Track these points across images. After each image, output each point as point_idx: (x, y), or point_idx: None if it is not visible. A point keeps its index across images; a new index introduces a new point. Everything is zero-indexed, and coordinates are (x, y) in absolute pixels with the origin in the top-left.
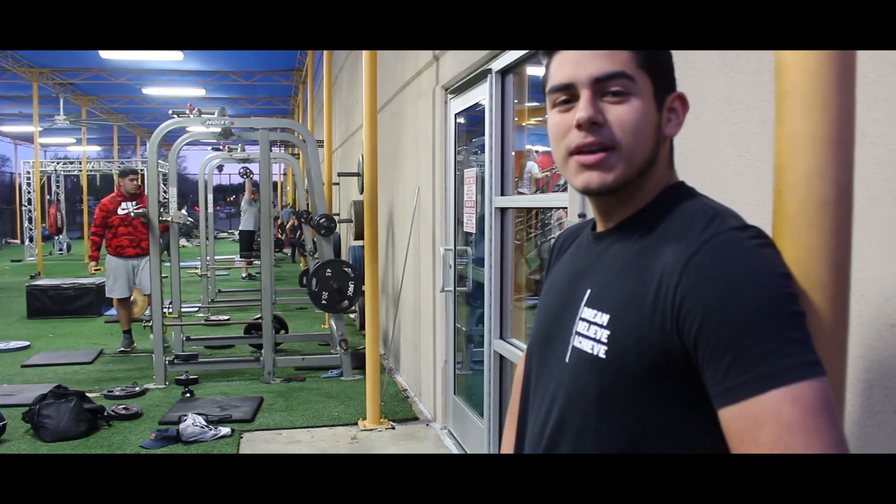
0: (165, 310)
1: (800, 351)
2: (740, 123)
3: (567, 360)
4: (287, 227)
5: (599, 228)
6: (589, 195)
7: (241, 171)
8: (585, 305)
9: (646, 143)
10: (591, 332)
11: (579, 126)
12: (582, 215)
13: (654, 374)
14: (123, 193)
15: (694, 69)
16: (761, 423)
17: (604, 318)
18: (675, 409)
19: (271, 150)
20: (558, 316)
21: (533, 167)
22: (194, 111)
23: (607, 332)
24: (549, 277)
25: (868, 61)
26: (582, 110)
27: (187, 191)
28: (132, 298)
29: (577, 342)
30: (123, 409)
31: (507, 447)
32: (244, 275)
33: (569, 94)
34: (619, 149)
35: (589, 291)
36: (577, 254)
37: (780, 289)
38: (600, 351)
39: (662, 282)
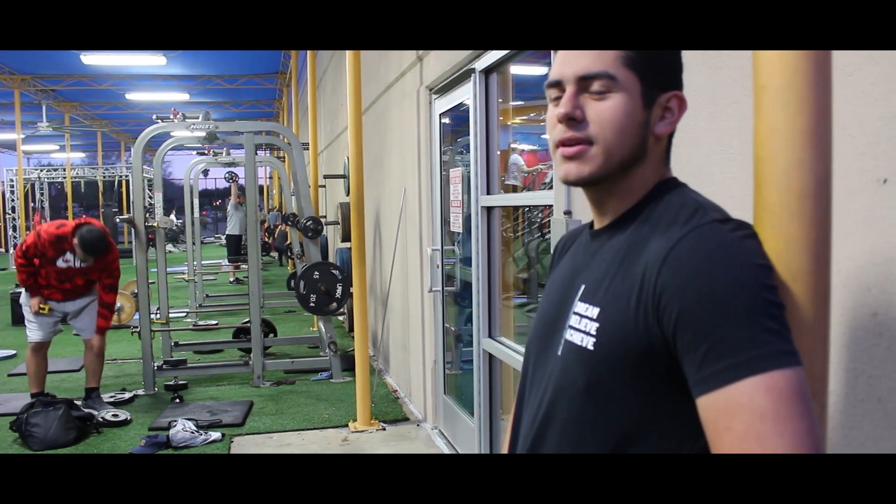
0: (153, 315)
1: (774, 340)
2: (722, 118)
3: (559, 353)
4: (275, 232)
5: (596, 226)
6: (568, 185)
7: (227, 175)
8: (579, 300)
9: (626, 139)
10: (581, 325)
11: (561, 121)
12: (568, 213)
13: (640, 365)
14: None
15: None
16: (735, 411)
17: (594, 312)
18: (659, 400)
19: (256, 154)
20: (555, 313)
21: (518, 159)
22: (178, 116)
23: (596, 325)
24: (550, 278)
25: (846, 55)
26: (562, 106)
27: (173, 196)
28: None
29: (569, 335)
30: (112, 415)
31: (506, 445)
32: (232, 279)
33: (558, 89)
34: (597, 143)
35: (583, 287)
36: (576, 253)
37: (757, 279)
38: (589, 343)
39: (646, 275)
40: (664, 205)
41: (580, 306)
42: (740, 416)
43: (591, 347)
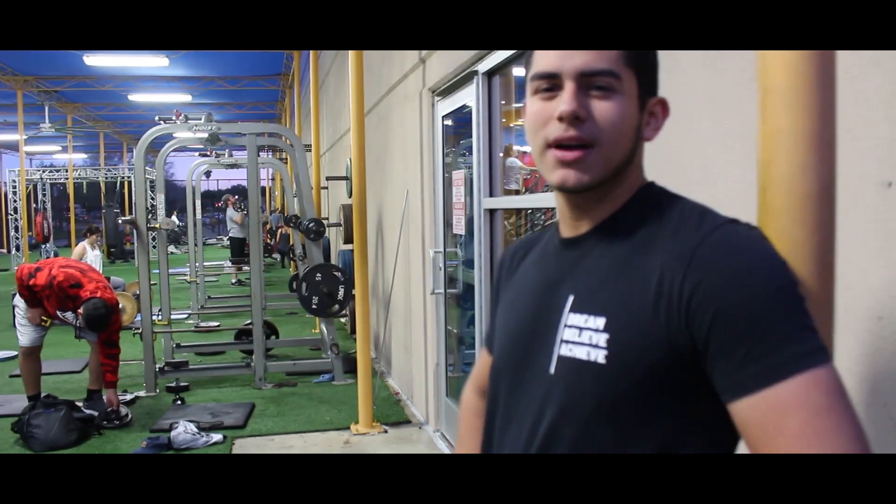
0: (155, 317)
1: (813, 336)
2: (725, 121)
3: (552, 371)
4: (277, 234)
5: (569, 234)
6: (564, 192)
7: (238, 202)
8: (571, 312)
9: (625, 142)
10: (584, 337)
11: (561, 119)
12: None
13: (661, 374)
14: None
15: (678, 68)
16: (787, 410)
17: (599, 322)
18: (683, 411)
19: (259, 155)
20: (533, 328)
21: (515, 161)
22: (181, 117)
23: (606, 336)
24: (507, 293)
25: (850, 57)
26: (566, 103)
27: (175, 197)
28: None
29: (566, 350)
30: (116, 416)
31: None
32: (234, 280)
33: (552, 83)
34: (599, 146)
35: (572, 297)
36: (544, 263)
37: (786, 276)
38: (599, 356)
39: (664, 278)
40: (662, 209)
41: (575, 318)
42: (795, 414)
43: (602, 361)
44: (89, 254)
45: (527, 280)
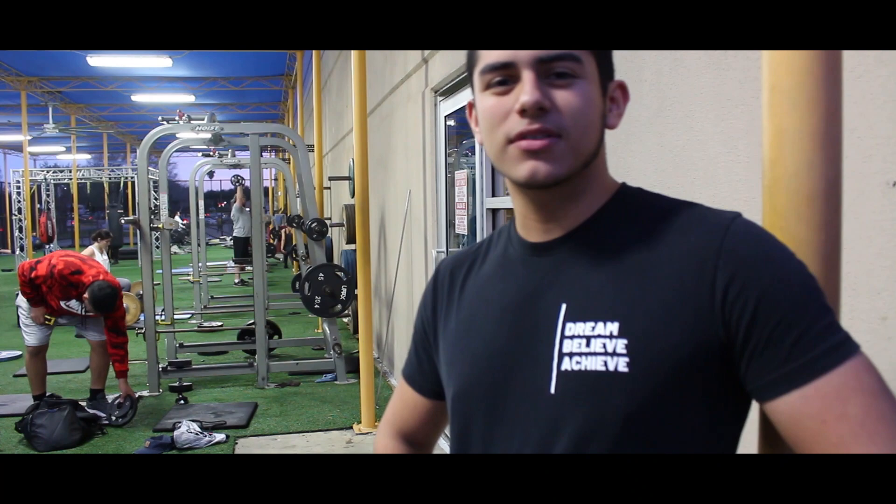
0: (158, 317)
1: (839, 323)
2: (729, 120)
3: (553, 391)
4: (281, 235)
5: (538, 238)
6: (532, 188)
7: (233, 178)
8: (568, 321)
9: (593, 131)
10: (595, 346)
11: (523, 111)
12: None
13: (684, 376)
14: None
15: (682, 67)
16: (847, 395)
17: (612, 327)
18: (699, 424)
19: (262, 156)
20: (510, 347)
21: None
22: (184, 118)
23: (623, 341)
24: (458, 315)
25: (855, 56)
26: (527, 94)
27: (178, 197)
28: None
29: (572, 364)
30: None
31: None
32: (237, 280)
33: (507, 74)
34: (566, 137)
35: (565, 306)
36: (509, 274)
37: (807, 267)
38: (619, 364)
39: (685, 274)
40: (652, 208)
41: (576, 327)
42: (855, 400)
43: (623, 369)
44: (97, 258)
45: (486, 296)
